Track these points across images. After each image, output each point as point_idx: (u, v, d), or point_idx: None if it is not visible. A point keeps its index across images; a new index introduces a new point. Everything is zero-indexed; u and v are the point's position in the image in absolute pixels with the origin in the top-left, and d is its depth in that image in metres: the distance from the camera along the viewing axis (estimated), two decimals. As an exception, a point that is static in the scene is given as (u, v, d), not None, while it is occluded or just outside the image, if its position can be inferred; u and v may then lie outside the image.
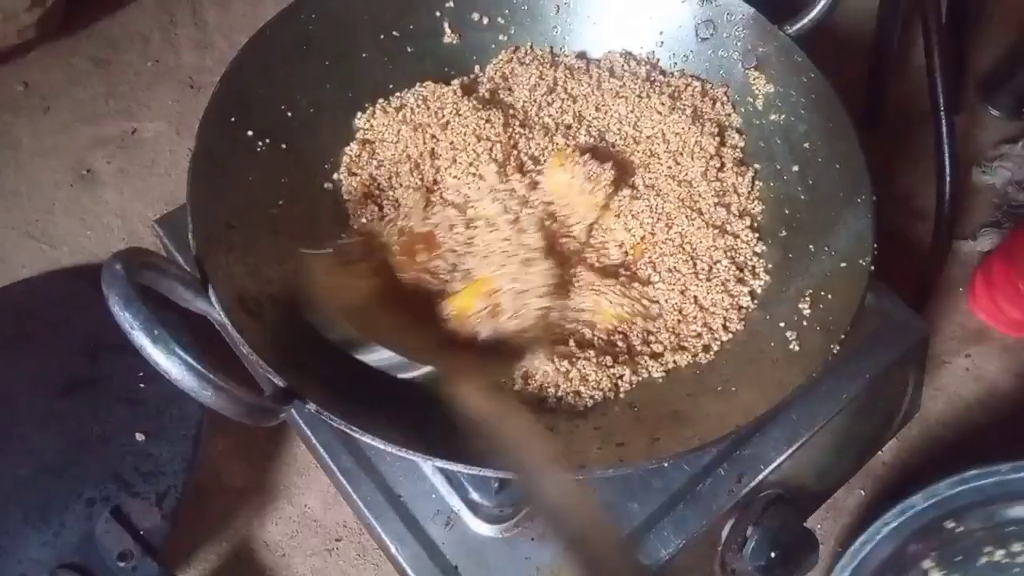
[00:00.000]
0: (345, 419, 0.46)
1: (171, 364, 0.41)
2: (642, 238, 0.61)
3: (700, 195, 0.63)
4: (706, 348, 0.57)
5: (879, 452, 0.78)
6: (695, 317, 0.58)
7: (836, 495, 0.75)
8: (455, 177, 0.61)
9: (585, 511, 0.44)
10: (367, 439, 0.46)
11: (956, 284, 0.91)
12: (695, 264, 0.60)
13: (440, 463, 0.47)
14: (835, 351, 0.52)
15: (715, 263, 0.60)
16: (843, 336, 0.52)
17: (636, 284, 0.59)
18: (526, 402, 0.54)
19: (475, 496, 0.58)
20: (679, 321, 0.58)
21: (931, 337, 0.86)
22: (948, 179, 0.82)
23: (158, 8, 1.08)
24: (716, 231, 0.61)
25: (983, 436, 0.82)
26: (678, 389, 0.55)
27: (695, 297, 0.59)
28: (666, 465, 0.59)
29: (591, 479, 0.58)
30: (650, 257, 0.61)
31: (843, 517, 0.78)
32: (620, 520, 0.59)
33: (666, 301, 0.59)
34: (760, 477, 0.60)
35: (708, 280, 0.59)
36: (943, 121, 0.80)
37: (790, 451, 0.62)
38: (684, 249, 0.60)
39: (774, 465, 0.61)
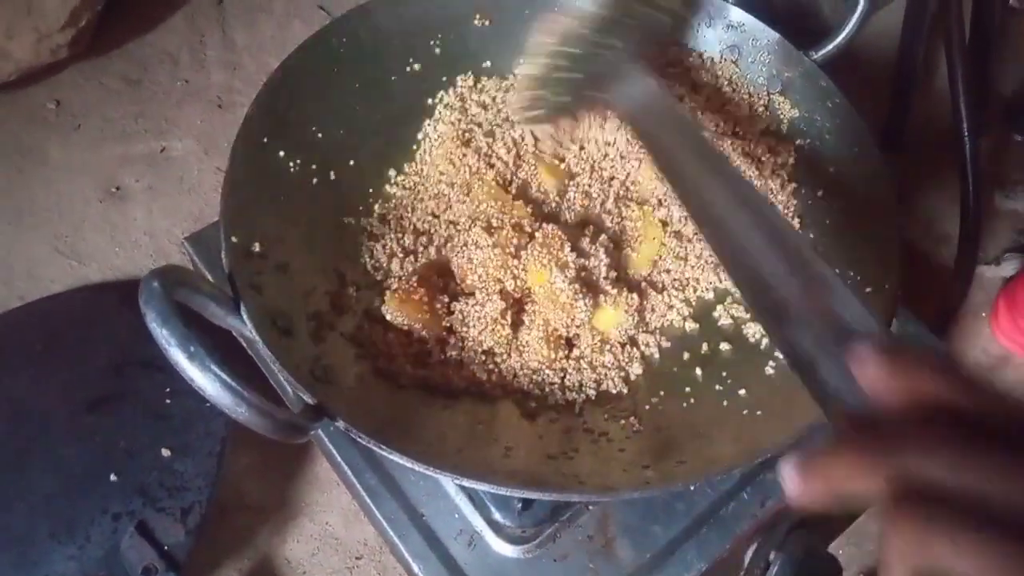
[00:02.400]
0: (372, 436, 0.46)
1: (207, 381, 0.41)
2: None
3: None
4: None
5: (903, 478, 0.78)
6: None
7: (859, 521, 0.75)
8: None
9: None
10: (394, 457, 0.46)
11: (979, 309, 0.91)
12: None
13: (466, 481, 0.47)
14: (861, 376, 0.51)
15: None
16: (869, 361, 0.51)
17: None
18: None
19: (498, 516, 0.58)
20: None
21: (955, 362, 0.86)
22: (972, 203, 0.81)
23: (187, 29, 1.11)
24: None
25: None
26: (704, 413, 0.55)
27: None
28: (691, 488, 0.59)
29: (617, 501, 0.59)
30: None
31: (866, 543, 0.77)
32: (643, 543, 0.59)
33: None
34: (784, 501, 0.60)
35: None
36: (967, 145, 0.80)
37: (814, 475, 0.61)
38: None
39: (798, 489, 0.60)
